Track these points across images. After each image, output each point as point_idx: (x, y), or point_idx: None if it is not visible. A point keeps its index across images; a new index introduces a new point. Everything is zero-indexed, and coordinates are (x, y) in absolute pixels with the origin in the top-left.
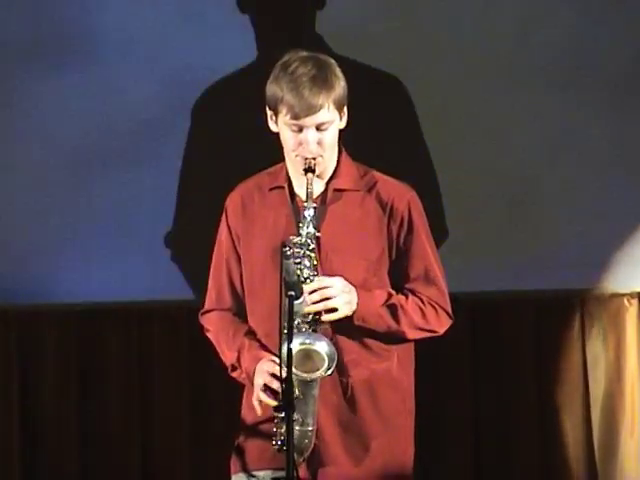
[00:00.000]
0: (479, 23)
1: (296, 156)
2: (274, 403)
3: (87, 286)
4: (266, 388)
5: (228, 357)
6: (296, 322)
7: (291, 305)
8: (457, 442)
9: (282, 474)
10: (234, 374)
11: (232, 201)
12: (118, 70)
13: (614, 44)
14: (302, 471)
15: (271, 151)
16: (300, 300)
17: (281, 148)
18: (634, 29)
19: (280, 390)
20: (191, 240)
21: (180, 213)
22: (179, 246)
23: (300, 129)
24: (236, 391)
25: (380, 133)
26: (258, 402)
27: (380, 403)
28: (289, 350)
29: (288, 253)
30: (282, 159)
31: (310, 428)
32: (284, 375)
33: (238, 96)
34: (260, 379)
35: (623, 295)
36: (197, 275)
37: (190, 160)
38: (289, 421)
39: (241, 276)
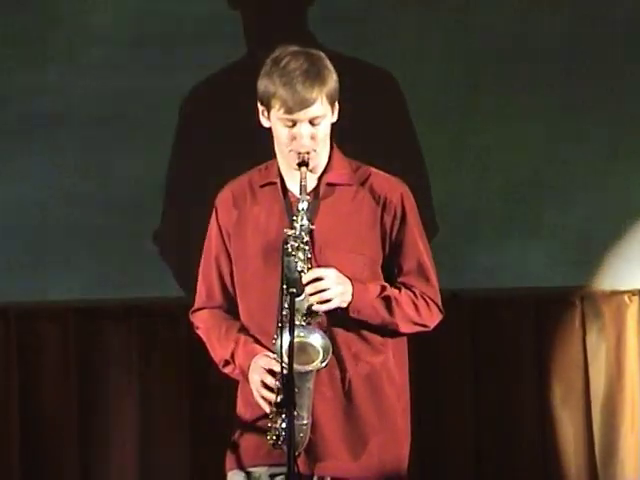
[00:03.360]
0: (476, 19)
1: (290, 151)
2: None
3: (87, 284)
4: (264, 385)
5: (220, 353)
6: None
7: (292, 302)
8: (457, 439)
9: (278, 470)
10: (226, 369)
11: (222, 199)
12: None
13: (611, 44)
14: (301, 465)
15: (260, 147)
16: (301, 297)
17: (271, 144)
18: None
19: (277, 386)
20: (179, 237)
21: (168, 210)
22: (166, 243)
23: (293, 124)
24: (236, 389)
25: (371, 127)
26: (262, 399)
27: (377, 397)
28: (291, 346)
29: (289, 250)
30: (272, 156)
31: (305, 422)
32: (281, 371)
33: (227, 92)
34: (256, 375)
35: (623, 292)
36: (185, 272)
37: (178, 156)
38: (290, 417)
39: (231, 274)
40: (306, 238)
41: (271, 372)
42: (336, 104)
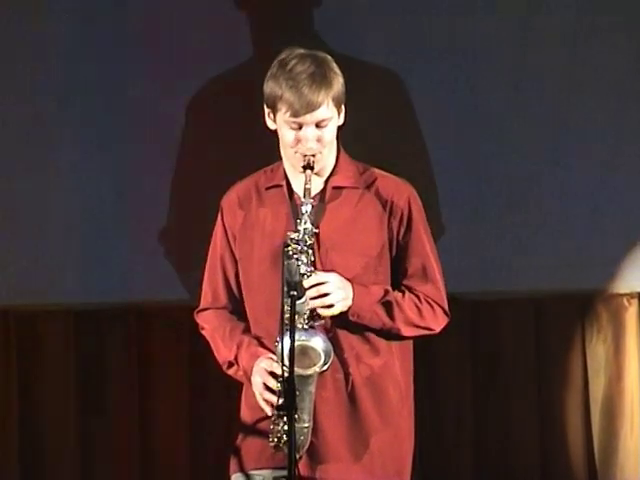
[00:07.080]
0: (479, 20)
1: (295, 153)
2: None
3: (87, 286)
4: (266, 387)
5: (224, 354)
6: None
7: (293, 305)
8: (457, 442)
9: (282, 473)
10: (230, 371)
11: (228, 200)
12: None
13: (615, 43)
14: (303, 468)
15: (266, 149)
16: (302, 300)
17: (277, 146)
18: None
19: (278, 389)
20: (184, 238)
21: (173, 211)
22: (172, 244)
23: (299, 126)
24: (236, 391)
25: (377, 129)
26: (264, 402)
27: (380, 399)
28: (291, 350)
29: (290, 253)
30: (278, 158)
31: (306, 425)
32: (282, 374)
33: (233, 93)
34: (259, 377)
35: (623, 295)
36: (190, 273)
37: (184, 157)
38: (290, 420)
39: (237, 275)
40: (309, 241)
41: (273, 374)
42: (342, 107)
